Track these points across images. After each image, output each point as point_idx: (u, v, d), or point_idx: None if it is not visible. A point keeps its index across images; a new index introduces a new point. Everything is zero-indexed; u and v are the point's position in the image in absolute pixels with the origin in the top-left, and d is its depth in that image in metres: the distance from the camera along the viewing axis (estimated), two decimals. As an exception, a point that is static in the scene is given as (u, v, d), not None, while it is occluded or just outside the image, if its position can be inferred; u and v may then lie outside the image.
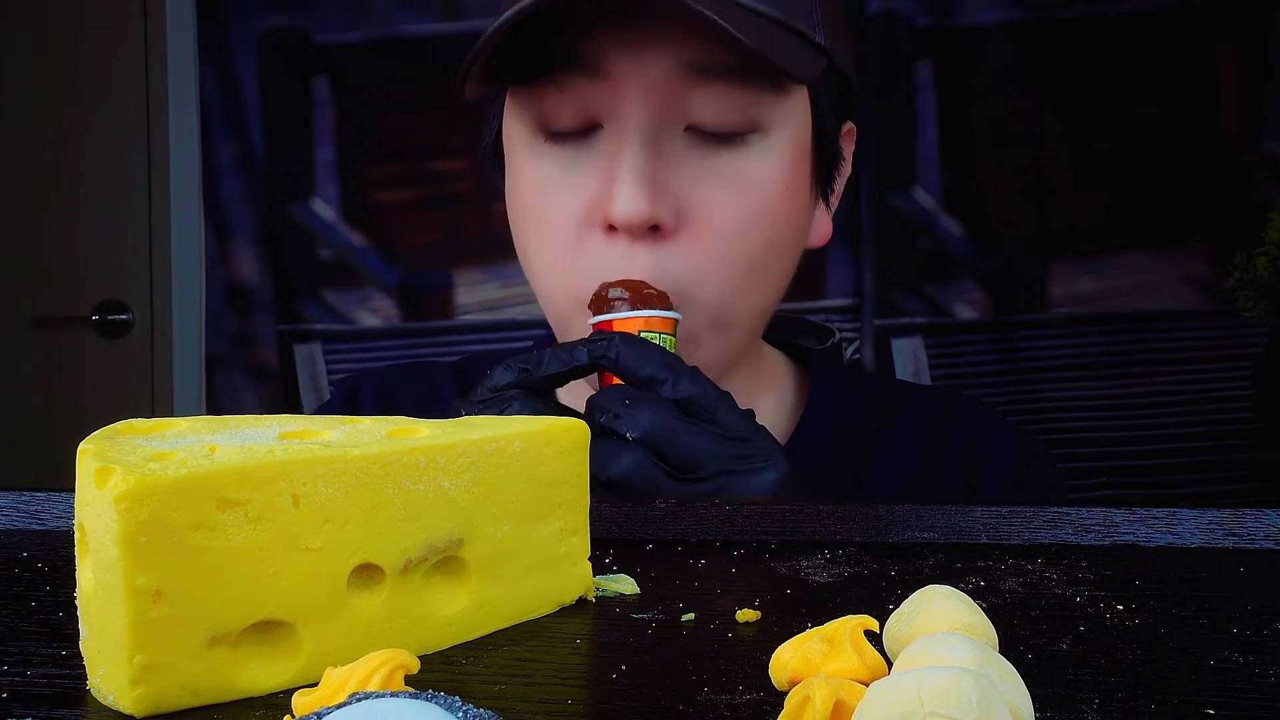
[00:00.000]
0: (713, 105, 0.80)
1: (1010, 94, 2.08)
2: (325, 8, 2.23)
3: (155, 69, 2.40)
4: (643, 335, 0.78)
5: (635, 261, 0.80)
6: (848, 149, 0.94)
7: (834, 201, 0.93)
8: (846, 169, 0.95)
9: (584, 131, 0.82)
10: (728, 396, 0.76)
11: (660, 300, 0.80)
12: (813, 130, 0.86)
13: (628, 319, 0.79)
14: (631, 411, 0.73)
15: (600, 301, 0.81)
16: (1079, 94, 2.06)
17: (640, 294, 0.80)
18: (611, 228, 0.80)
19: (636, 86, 0.79)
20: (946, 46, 2.09)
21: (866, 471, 0.96)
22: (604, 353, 0.76)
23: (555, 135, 0.83)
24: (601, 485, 0.72)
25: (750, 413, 0.77)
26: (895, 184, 2.10)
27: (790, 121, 0.84)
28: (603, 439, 0.73)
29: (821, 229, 0.92)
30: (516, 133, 0.86)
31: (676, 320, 0.80)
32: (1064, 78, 2.06)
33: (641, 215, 0.78)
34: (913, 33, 2.08)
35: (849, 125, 0.94)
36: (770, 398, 0.97)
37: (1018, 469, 0.98)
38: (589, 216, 0.82)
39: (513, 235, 0.90)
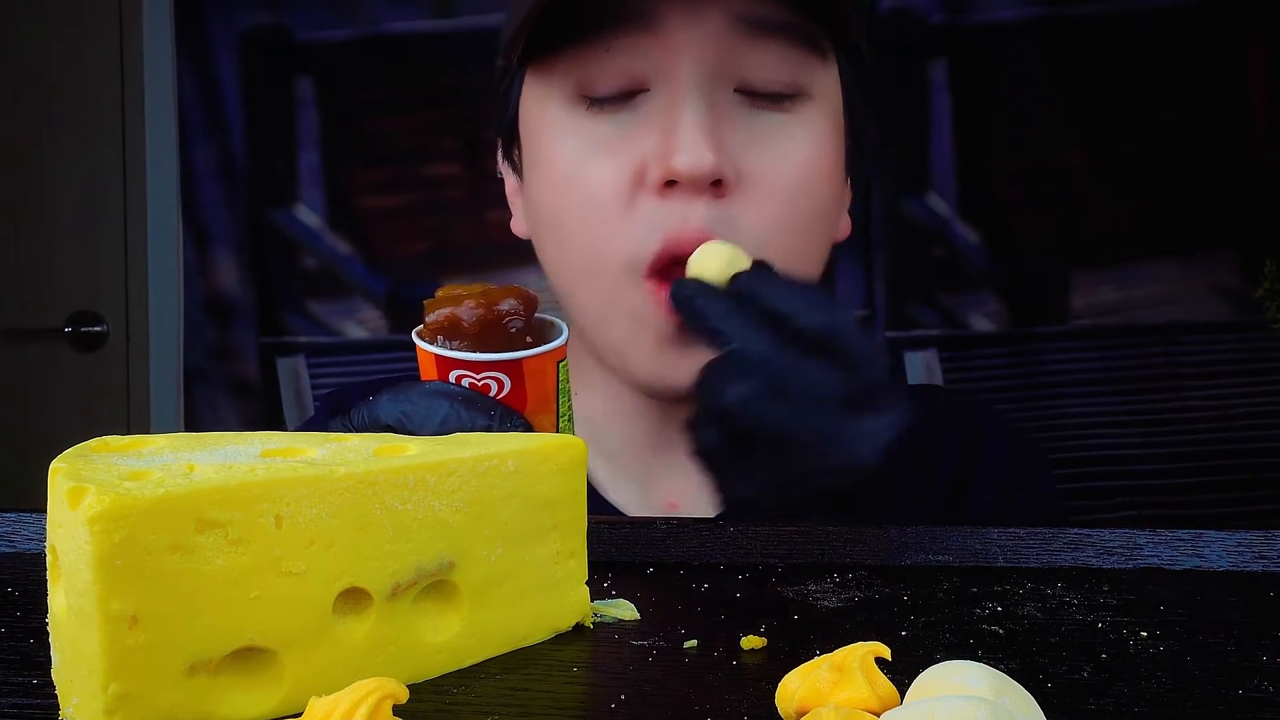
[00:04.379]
0: (764, 64, 0.83)
1: (1029, 95, 2.08)
2: (309, 4, 2.23)
3: (131, 69, 2.40)
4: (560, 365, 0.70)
5: (698, 214, 0.80)
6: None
7: (849, 197, 0.94)
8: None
9: (627, 97, 0.83)
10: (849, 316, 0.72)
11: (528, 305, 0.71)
12: (845, 107, 0.88)
13: (539, 355, 0.69)
14: (745, 331, 0.68)
15: (458, 325, 0.69)
16: (1101, 95, 2.06)
17: (530, 306, 0.70)
18: (667, 185, 0.81)
19: (690, 41, 0.81)
20: (962, 45, 2.09)
21: None
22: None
23: (597, 103, 0.84)
24: (700, 423, 0.68)
25: (873, 340, 0.73)
26: (908, 190, 2.10)
27: (832, 92, 0.87)
28: (717, 360, 0.69)
29: (844, 222, 0.94)
30: (548, 107, 0.87)
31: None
32: (1085, 78, 2.07)
33: (709, 165, 0.79)
34: (926, 30, 2.08)
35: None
36: None
37: (1012, 474, 0.98)
38: (639, 177, 0.82)
39: (537, 219, 0.90)
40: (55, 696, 0.44)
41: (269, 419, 2.26)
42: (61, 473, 0.43)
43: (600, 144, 0.84)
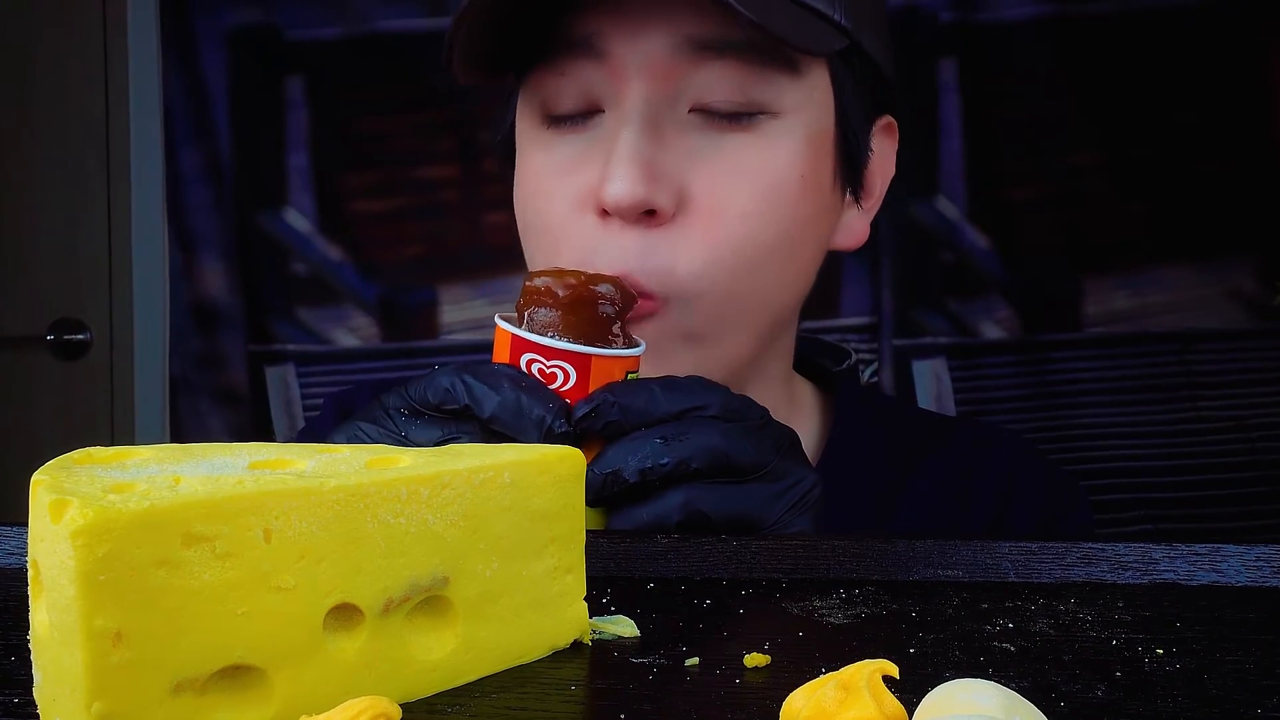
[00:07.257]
0: (718, 84, 0.82)
1: (1041, 95, 2.08)
2: (298, 2, 2.24)
3: (115, 68, 2.41)
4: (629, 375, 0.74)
5: (624, 247, 0.81)
6: (888, 145, 0.95)
7: (871, 203, 0.94)
8: (889, 169, 0.95)
9: (586, 118, 0.84)
10: (757, 413, 0.75)
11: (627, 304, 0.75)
12: (836, 119, 0.87)
13: (610, 357, 0.73)
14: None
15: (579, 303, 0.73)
16: (1116, 95, 2.06)
17: (627, 301, 0.75)
18: (605, 213, 0.81)
19: (635, 66, 0.82)
20: (972, 44, 2.09)
21: (893, 510, 0.96)
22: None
23: (558, 123, 0.85)
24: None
25: (770, 424, 0.75)
26: (916, 193, 2.10)
27: (806, 108, 0.85)
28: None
29: (854, 230, 0.93)
30: (524, 124, 0.89)
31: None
32: (1099, 77, 2.07)
33: (634, 198, 0.79)
34: (935, 29, 2.09)
35: (887, 120, 0.94)
36: (801, 430, 0.97)
37: (1050, 512, 0.98)
38: (584, 202, 0.83)
39: (519, 230, 0.92)
40: (37, 716, 0.44)
41: (257, 429, 2.26)
42: (43, 485, 0.43)
43: (559, 165, 0.85)
